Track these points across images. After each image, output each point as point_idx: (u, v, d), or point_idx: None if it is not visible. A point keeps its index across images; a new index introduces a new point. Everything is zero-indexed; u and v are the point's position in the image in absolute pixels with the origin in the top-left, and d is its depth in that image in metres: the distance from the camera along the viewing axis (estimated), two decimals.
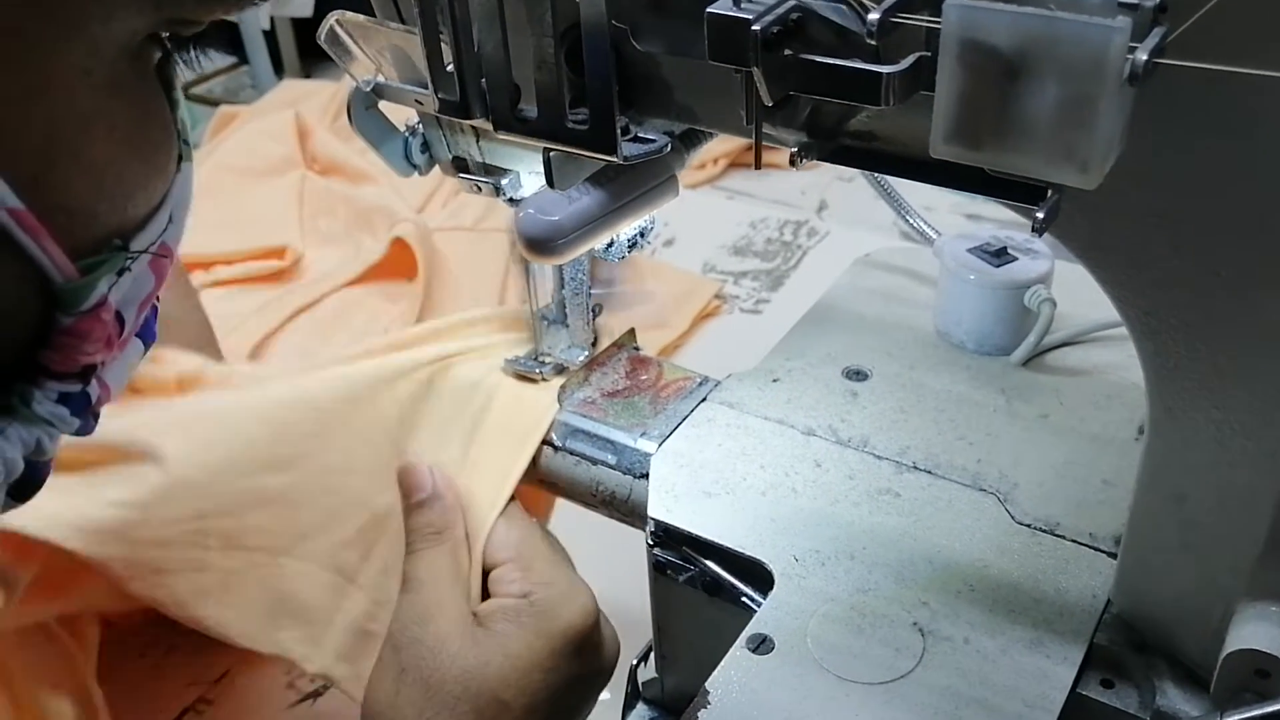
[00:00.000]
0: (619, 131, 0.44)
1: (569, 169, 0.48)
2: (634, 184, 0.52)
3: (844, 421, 0.62)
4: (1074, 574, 0.52)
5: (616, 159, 0.45)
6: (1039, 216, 0.36)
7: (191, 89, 1.76)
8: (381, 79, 0.54)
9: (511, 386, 0.64)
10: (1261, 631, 0.44)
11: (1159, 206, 0.39)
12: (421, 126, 0.57)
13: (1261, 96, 0.34)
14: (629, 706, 0.65)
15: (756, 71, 0.36)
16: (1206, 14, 0.32)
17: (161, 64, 0.39)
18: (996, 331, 0.66)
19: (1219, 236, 0.39)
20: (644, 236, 0.60)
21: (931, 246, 0.70)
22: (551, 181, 0.48)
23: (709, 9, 0.36)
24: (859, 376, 0.65)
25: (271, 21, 1.71)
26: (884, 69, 0.35)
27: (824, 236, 1.24)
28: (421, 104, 0.51)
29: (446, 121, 0.56)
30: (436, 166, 0.59)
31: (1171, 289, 0.41)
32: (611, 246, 0.60)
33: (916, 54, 0.35)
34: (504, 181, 0.57)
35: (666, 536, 0.57)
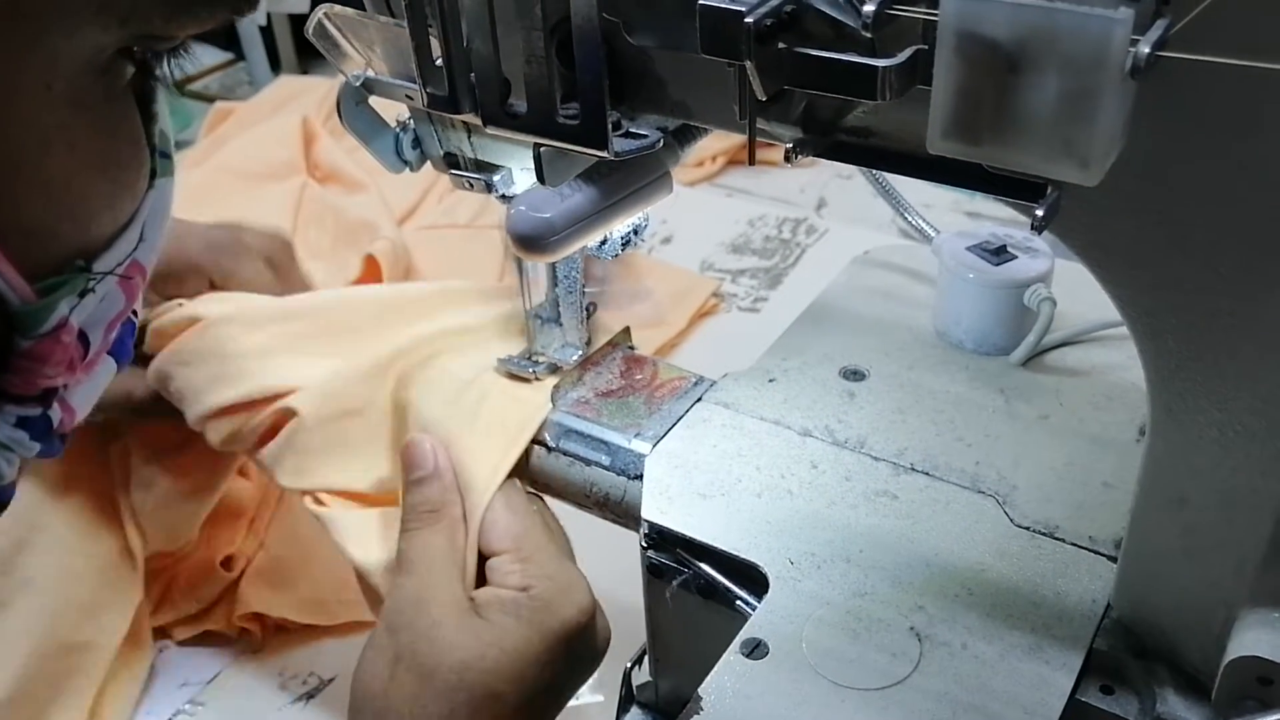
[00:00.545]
0: (610, 127, 0.43)
1: (560, 165, 0.47)
2: (627, 180, 0.51)
3: (841, 422, 0.61)
4: (1073, 578, 0.51)
5: (608, 155, 0.44)
6: (1038, 214, 0.36)
7: (187, 85, 1.75)
8: (371, 73, 0.53)
9: (504, 387, 0.63)
10: (1264, 638, 0.43)
11: (1161, 204, 0.38)
12: (413, 122, 0.56)
13: (1267, 91, 0.33)
14: (623, 709, 0.65)
15: (750, 65, 0.35)
16: (1211, 6, 0.31)
17: (138, 80, 0.37)
18: (996, 331, 0.65)
19: (1222, 235, 0.38)
20: (637, 234, 0.59)
21: (930, 245, 0.69)
22: (542, 178, 0.47)
23: (701, 1, 0.35)
24: (856, 376, 0.64)
25: (268, 17, 1.70)
26: (880, 62, 0.34)
27: (823, 234, 1.23)
28: (412, 99, 0.50)
29: (437, 117, 0.55)
30: (428, 162, 0.58)
31: (1173, 289, 0.40)
32: (605, 244, 0.59)
33: (913, 47, 0.35)
34: (496, 178, 0.56)
35: (660, 539, 0.56)
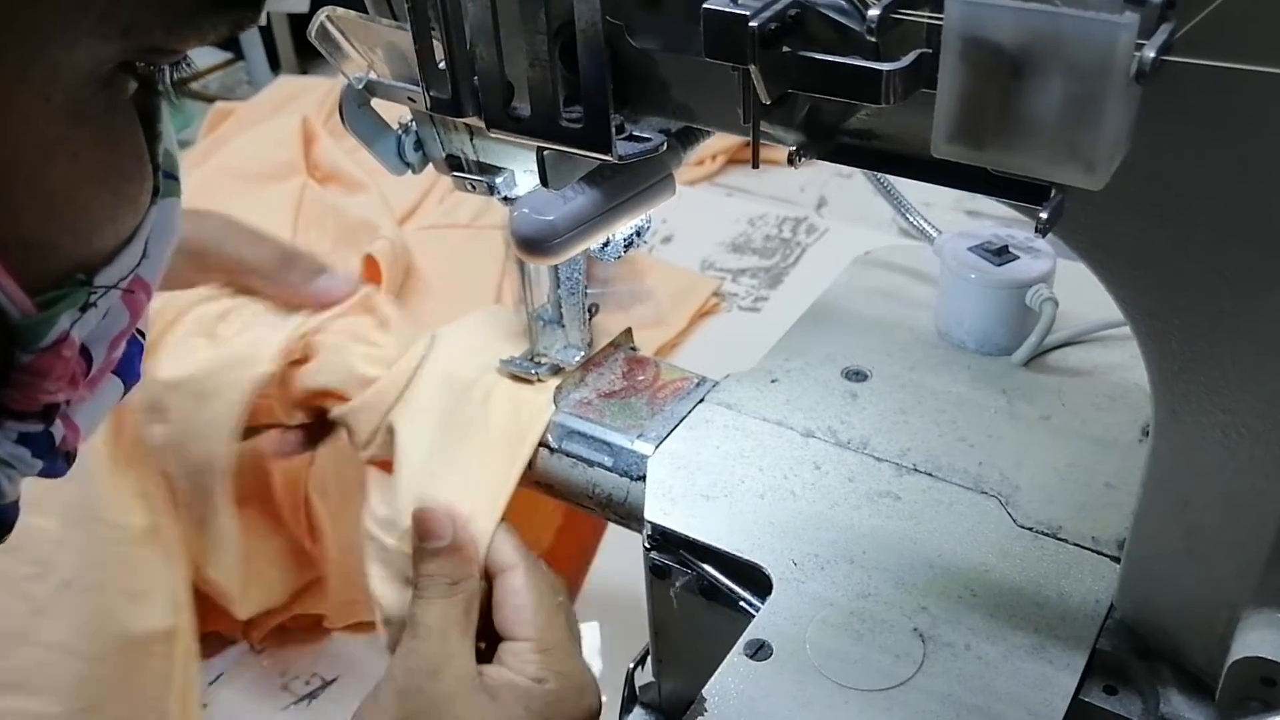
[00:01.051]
0: (614, 130, 0.43)
1: (563, 168, 0.47)
2: (629, 183, 0.51)
3: (843, 423, 0.61)
4: (1077, 578, 0.51)
5: (611, 158, 0.44)
6: (1043, 217, 0.36)
7: (187, 85, 1.75)
8: (374, 76, 0.53)
9: (507, 388, 0.63)
10: (1268, 639, 0.43)
11: (1164, 206, 0.38)
12: (415, 124, 0.56)
13: (1270, 94, 0.33)
14: (625, 710, 0.65)
15: (754, 69, 0.35)
16: (1215, 11, 0.31)
17: (142, 96, 0.37)
18: (998, 331, 0.65)
19: (1225, 237, 0.38)
20: (640, 236, 0.59)
21: (931, 244, 0.69)
22: (545, 181, 0.47)
23: (705, 5, 0.35)
24: (858, 377, 0.64)
25: (268, 17, 1.70)
26: (884, 66, 0.34)
27: (823, 233, 1.24)
28: (414, 101, 0.50)
29: (439, 119, 0.55)
30: (430, 164, 0.58)
31: (1177, 290, 0.40)
32: (607, 246, 0.59)
33: (917, 51, 0.35)
34: (498, 180, 0.56)
35: (663, 540, 0.56)
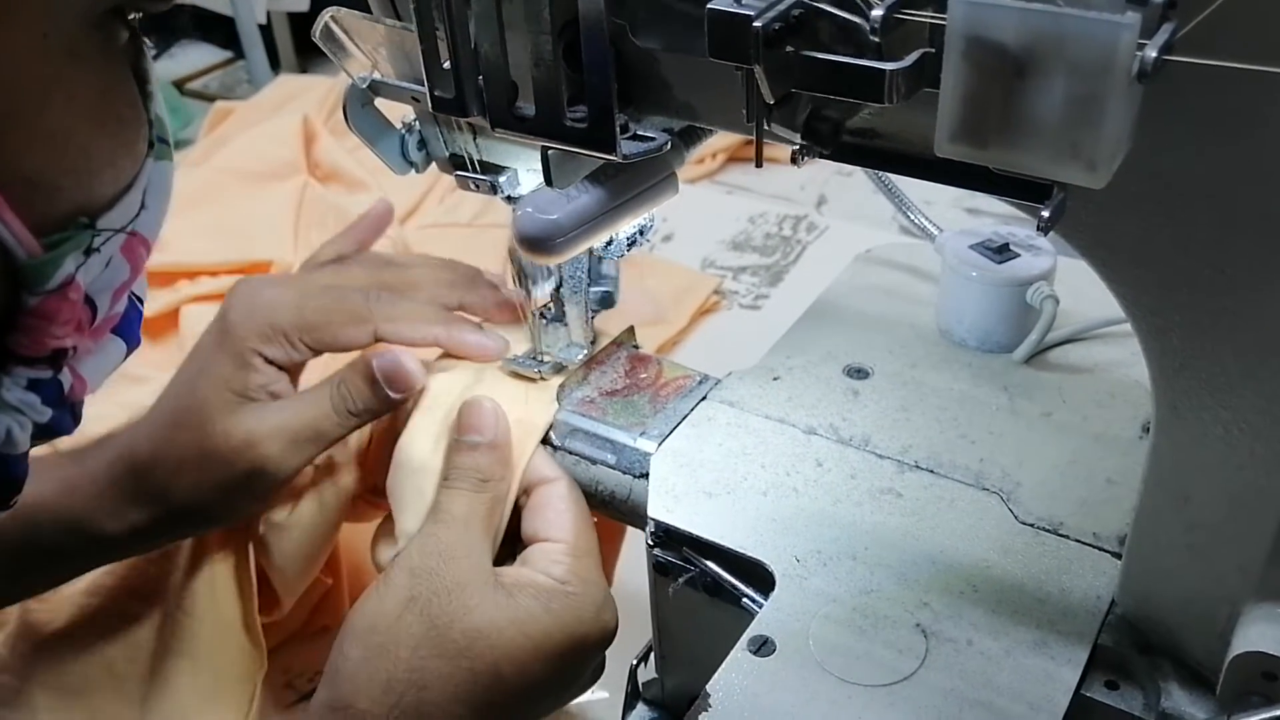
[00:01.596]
0: (618, 129, 0.43)
1: (568, 167, 0.47)
2: (633, 182, 0.51)
3: (845, 420, 0.61)
4: (1078, 574, 0.52)
5: (616, 157, 0.44)
6: (1044, 215, 0.36)
7: (187, 84, 1.75)
8: (378, 76, 0.53)
9: (510, 386, 0.64)
10: (1269, 633, 0.43)
11: (1165, 205, 0.38)
12: (418, 124, 0.57)
13: (1271, 93, 0.34)
14: (629, 707, 0.65)
15: (758, 69, 0.36)
16: (1216, 11, 0.31)
17: (133, 52, 0.38)
18: (999, 329, 0.66)
19: (1225, 235, 0.38)
20: (643, 234, 0.59)
21: (931, 242, 0.69)
22: (550, 180, 0.47)
23: (710, 5, 0.36)
24: (860, 374, 0.65)
25: (268, 16, 1.70)
26: (888, 65, 0.35)
27: (823, 231, 1.24)
28: (418, 101, 0.50)
29: (443, 119, 0.55)
30: (433, 164, 0.58)
31: (1177, 287, 0.40)
32: (611, 245, 0.60)
33: (920, 50, 0.35)
34: (501, 179, 0.56)
35: (667, 537, 0.56)
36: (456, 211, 1.24)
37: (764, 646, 0.50)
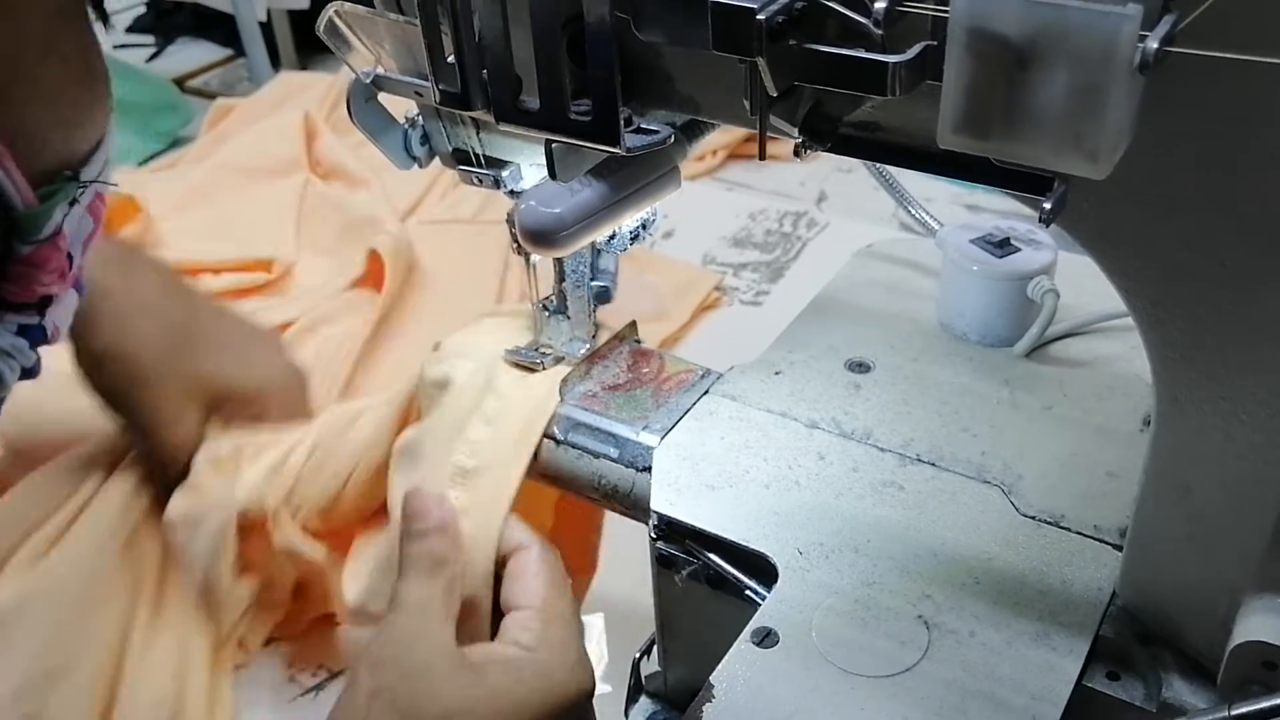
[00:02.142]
0: (622, 123, 0.44)
1: (571, 161, 0.48)
2: (636, 175, 0.51)
3: (847, 414, 0.62)
4: (1079, 566, 0.52)
5: (619, 151, 0.44)
6: (1046, 207, 0.36)
7: (188, 81, 1.75)
8: (381, 70, 0.53)
9: (513, 378, 0.64)
10: (1269, 624, 0.44)
11: (1167, 196, 0.39)
12: (421, 118, 0.57)
13: (1272, 84, 0.34)
14: (632, 700, 0.65)
15: (761, 62, 0.36)
16: (1217, 2, 0.32)
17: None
18: (999, 323, 0.66)
19: (1227, 227, 0.38)
20: (646, 228, 0.59)
21: (932, 237, 0.70)
22: (553, 173, 0.47)
23: None
24: (861, 368, 0.65)
25: (268, 13, 1.70)
26: (890, 58, 0.35)
27: (823, 228, 1.24)
28: (421, 95, 0.50)
29: (446, 113, 0.55)
30: (436, 158, 0.58)
31: (1178, 279, 0.41)
32: (613, 239, 0.60)
33: (922, 43, 0.35)
34: (504, 174, 0.57)
35: (669, 530, 0.56)
36: (459, 208, 1.24)
37: (767, 638, 0.50)
